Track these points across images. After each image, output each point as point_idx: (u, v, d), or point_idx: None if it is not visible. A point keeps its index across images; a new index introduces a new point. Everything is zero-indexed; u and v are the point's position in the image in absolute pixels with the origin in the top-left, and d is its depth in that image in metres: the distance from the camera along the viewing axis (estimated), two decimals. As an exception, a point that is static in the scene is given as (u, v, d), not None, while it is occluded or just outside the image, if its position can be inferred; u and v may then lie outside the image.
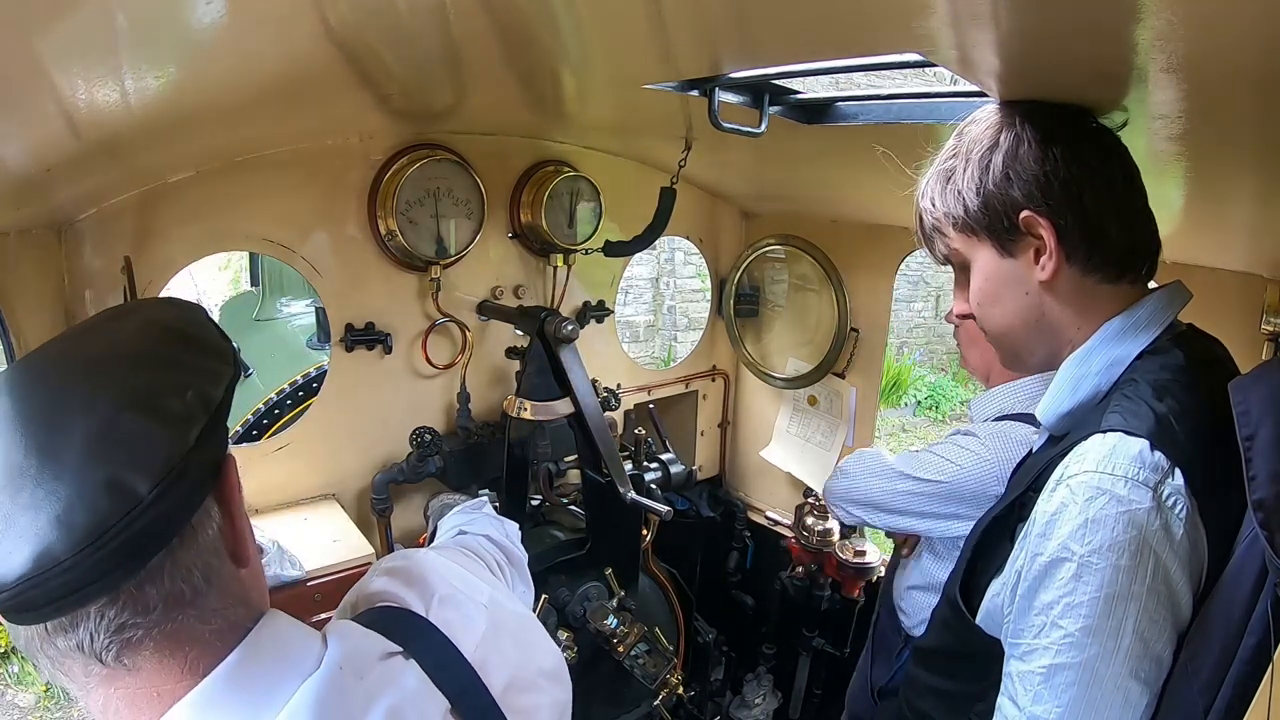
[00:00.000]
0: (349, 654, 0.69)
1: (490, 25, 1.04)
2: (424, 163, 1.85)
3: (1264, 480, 0.76)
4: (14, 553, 0.53)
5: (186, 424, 0.59)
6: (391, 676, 0.70)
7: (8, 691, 3.93)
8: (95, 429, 0.56)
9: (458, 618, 0.79)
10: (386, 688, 0.68)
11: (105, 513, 0.54)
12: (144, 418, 0.58)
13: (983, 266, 1.03)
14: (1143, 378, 0.94)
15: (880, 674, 1.91)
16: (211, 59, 0.97)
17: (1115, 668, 0.86)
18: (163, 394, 0.60)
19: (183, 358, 0.63)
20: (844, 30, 0.94)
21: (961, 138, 1.02)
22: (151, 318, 0.67)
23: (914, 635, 1.81)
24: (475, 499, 1.67)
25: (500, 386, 2.21)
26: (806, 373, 2.54)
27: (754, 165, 2.18)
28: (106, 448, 0.56)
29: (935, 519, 1.70)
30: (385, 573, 0.84)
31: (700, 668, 2.69)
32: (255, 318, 4.14)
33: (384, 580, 0.82)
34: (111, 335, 0.65)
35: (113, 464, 0.55)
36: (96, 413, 0.57)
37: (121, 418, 0.57)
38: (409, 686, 0.70)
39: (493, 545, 1.17)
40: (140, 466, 0.56)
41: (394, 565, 0.86)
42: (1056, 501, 0.89)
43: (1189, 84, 0.82)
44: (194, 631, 0.62)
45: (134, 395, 0.59)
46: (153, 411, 0.58)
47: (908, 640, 1.83)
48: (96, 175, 1.39)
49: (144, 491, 0.55)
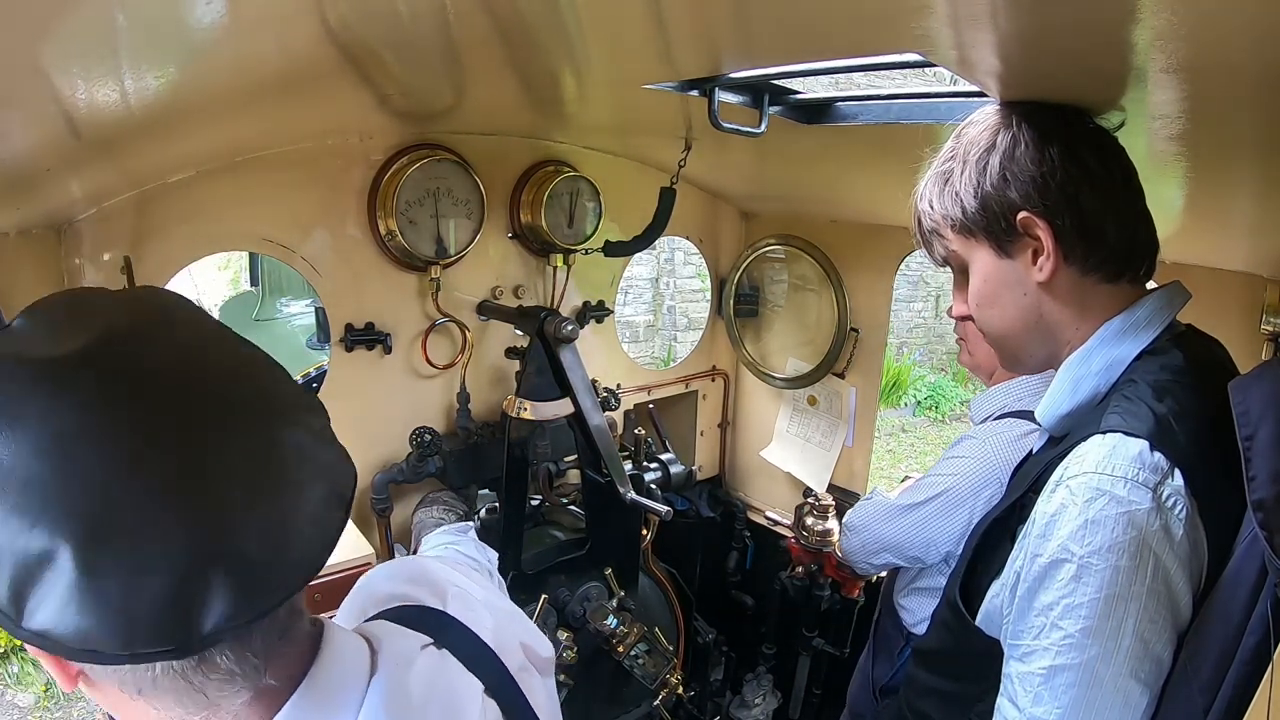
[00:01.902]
0: (396, 652, 0.72)
1: (490, 26, 1.04)
2: (424, 163, 1.85)
3: (1264, 480, 0.76)
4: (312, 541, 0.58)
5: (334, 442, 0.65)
6: (437, 666, 0.74)
7: (7, 691, 3.93)
8: (303, 450, 0.59)
9: (470, 611, 0.83)
10: (437, 677, 0.73)
11: (339, 522, 0.60)
12: (327, 445, 0.62)
13: (981, 268, 1.03)
14: (1142, 378, 0.94)
15: (882, 672, 1.92)
16: (211, 59, 0.97)
17: (1115, 668, 0.86)
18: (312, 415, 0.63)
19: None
20: (844, 30, 0.94)
21: (959, 139, 1.02)
22: (228, 342, 0.65)
23: (915, 634, 1.82)
24: (461, 523, 1.67)
25: (500, 386, 2.21)
26: (806, 373, 2.54)
27: (754, 165, 2.18)
28: (316, 468, 0.60)
29: (952, 535, 1.71)
30: (388, 578, 0.87)
31: (700, 668, 2.69)
32: (255, 318, 4.15)
33: (392, 583, 0.85)
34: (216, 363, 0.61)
35: (326, 480, 0.60)
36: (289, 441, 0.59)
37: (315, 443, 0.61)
38: (453, 673, 0.75)
39: (474, 564, 1.20)
40: (346, 481, 0.62)
41: (395, 570, 0.89)
42: (1056, 502, 0.89)
43: (1189, 84, 0.82)
44: (295, 637, 0.64)
45: (309, 428, 0.62)
46: (325, 439, 0.63)
47: (909, 638, 1.83)
48: (96, 175, 1.39)
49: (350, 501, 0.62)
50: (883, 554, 1.84)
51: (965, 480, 1.68)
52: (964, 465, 1.69)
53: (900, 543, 1.78)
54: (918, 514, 1.74)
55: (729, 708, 2.83)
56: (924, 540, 1.74)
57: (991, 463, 1.65)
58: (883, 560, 1.86)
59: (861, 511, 1.92)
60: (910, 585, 1.87)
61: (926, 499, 1.73)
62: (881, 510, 1.84)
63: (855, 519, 1.93)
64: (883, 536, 1.82)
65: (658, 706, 2.05)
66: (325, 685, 0.64)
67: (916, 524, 1.75)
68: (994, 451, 1.66)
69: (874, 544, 1.85)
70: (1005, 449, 1.65)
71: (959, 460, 1.71)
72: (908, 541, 1.77)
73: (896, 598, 1.91)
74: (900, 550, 1.80)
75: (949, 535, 1.71)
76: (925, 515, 1.73)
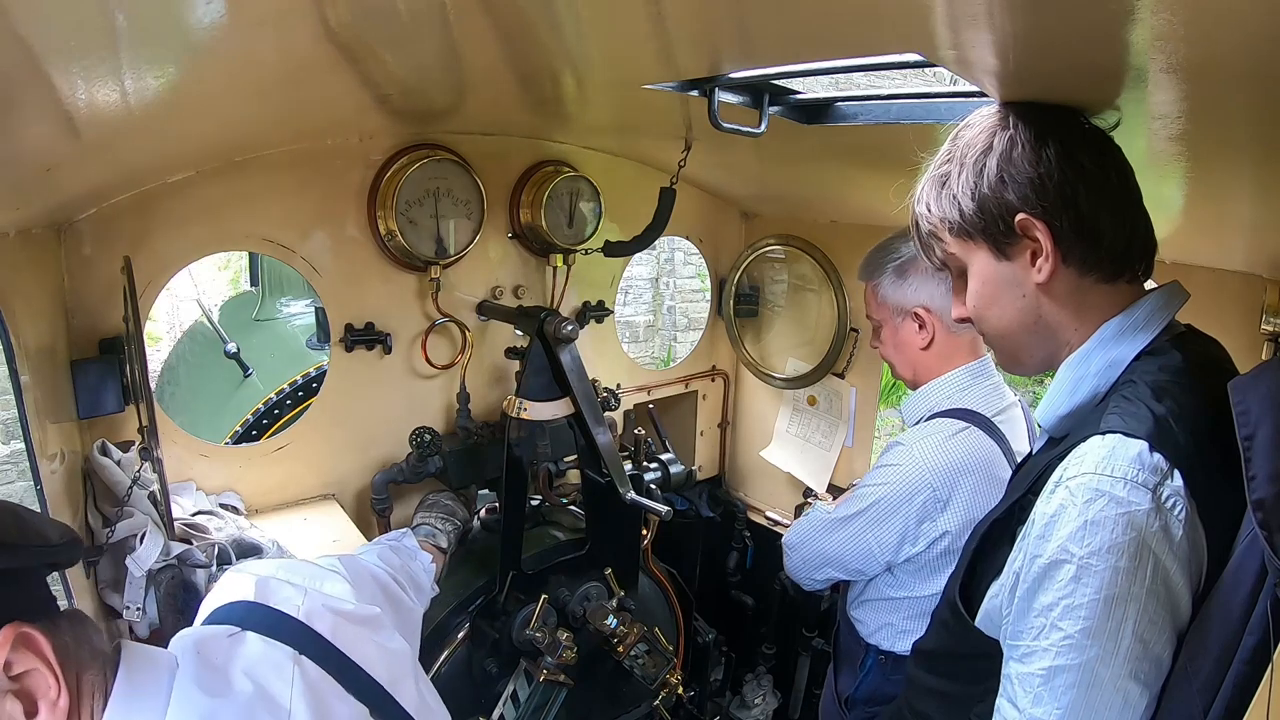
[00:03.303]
0: (200, 641, 0.89)
1: (490, 25, 1.04)
2: (424, 163, 1.85)
3: (1263, 480, 0.76)
4: None
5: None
6: (235, 648, 0.90)
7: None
8: None
9: (276, 595, 0.99)
10: (234, 657, 0.88)
11: None
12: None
13: (979, 270, 1.03)
14: (1141, 379, 0.94)
15: (846, 684, 1.90)
16: (211, 59, 0.97)
17: (1114, 669, 0.86)
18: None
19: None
20: (844, 30, 0.94)
21: (956, 142, 1.02)
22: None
23: (873, 644, 1.81)
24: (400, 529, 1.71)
25: (500, 386, 2.21)
26: (806, 373, 2.54)
27: (754, 165, 2.18)
28: None
29: (888, 544, 1.69)
30: (219, 586, 1.05)
31: (700, 668, 2.68)
32: (255, 318, 4.13)
33: (218, 593, 1.03)
34: None
35: None
36: None
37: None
38: (255, 651, 0.90)
39: (333, 565, 1.23)
40: None
41: (223, 581, 1.06)
42: (1055, 503, 0.89)
43: (1188, 84, 0.82)
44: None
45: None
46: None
47: (869, 649, 1.83)
48: (96, 175, 1.39)
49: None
50: (825, 569, 1.81)
51: (895, 489, 1.66)
52: (893, 474, 1.68)
53: (841, 556, 1.76)
54: (852, 526, 1.72)
55: (729, 708, 2.83)
56: (862, 552, 1.72)
57: (920, 468, 1.64)
58: (825, 575, 1.83)
59: (799, 528, 1.89)
60: (860, 598, 1.85)
61: (858, 511, 1.71)
62: (818, 525, 1.81)
63: (794, 536, 1.89)
64: (823, 551, 1.79)
65: (658, 706, 2.05)
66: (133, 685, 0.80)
67: (852, 536, 1.72)
68: (922, 457, 1.64)
69: (815, 559, 1.82)
70: (934, 453, 1.64)
71: (888, 469, 1.70)
72: (848, 555, 1.74)
73: (850, 610, 1.89)
74: (842, 564, 1.77)
75: (886, 545, 1.68)
76: (860, 528, 1.71)
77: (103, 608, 1.46)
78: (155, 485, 1.47)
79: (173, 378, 4.31)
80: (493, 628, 1.81)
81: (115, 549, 1.44)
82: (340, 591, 1.09)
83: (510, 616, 1.80)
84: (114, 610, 1.45)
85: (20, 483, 4.84)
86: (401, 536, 1.64)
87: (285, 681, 0.88)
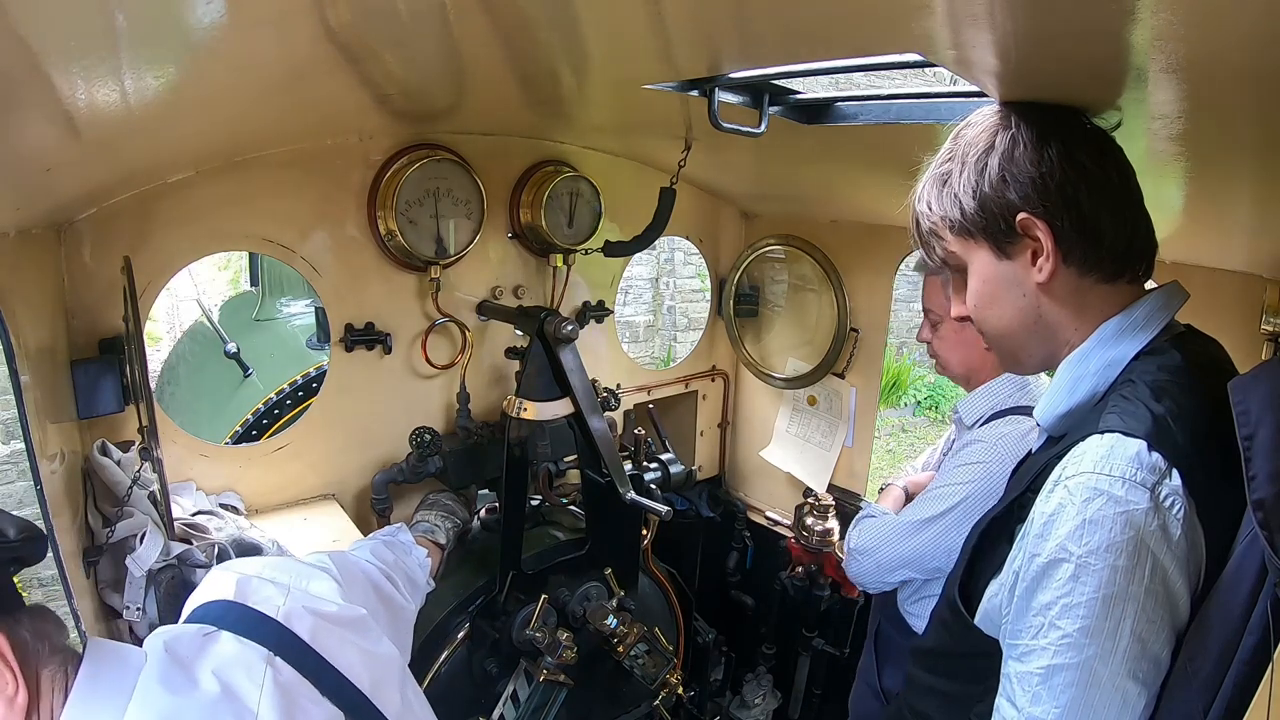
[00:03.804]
0: (171, 639, 0.89)
1: (490, 25, 1.04)
2: (424, 163, 1.85)
3: (1264, 480, 0.76)
4: None
5: None
6: (206, 647, 0.89)
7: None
8: None
9: (256, 594, 0.98)
10: (204, 656, 0.88)
11: None
12: None
13: (980, 269, 1.03)
14: (1140, 378, 0.94)
15: (892, 681, 1.91)
16: (211, 59, 0.97)
17: (1113, 668, 0.86)
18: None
19: None
20: (844, 30, 0.94)
21: (957, 141, 1.02)
22: None
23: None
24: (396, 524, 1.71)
25: (500, 386, 2.21)
26: (806, 373, 2.54)
27: (754, 165, 2.18)
28: None
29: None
30: (202, 584, 1.04)
31: (700, 668, 2.69)
32: (255, 318, 4.13)
33: (204, 590, 1.02)
34: None
35: None
36: None
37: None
38: (227, 650, 0.90)
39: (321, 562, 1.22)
40: None
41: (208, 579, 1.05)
42: (1054, 502, 0.89)
43: (1188, 84, 0.82)
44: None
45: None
46: None
47: None
48: (96, 175, 1.39)
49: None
50: (900, 570, 1.81)
51: (982, 485, 1.67)
52: (979, 471, 1.69)
53: (922, 557, 1.76)
54: (938, 525, 1.73)
55: (729, 708, 2.83)
56: (946, 550, 1.71)
57: (1005, 463, 1.63)
58: (900, 577, 1.83)
59: (871, 533, 1.87)
60: (917, 594, 1.85)
61: (946, 509, 1.71)
62: (894, 528, 1.81)
63: (865, 541, 1.87)
64: (901, 554, 1.79)
65: (658, 706, 2.05)
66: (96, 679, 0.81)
67: (938, 535, 1.73)
68: (1005, 452, 1.65)
69: (891, 562, 1.81)
70: (1014, 446, 1.64)
71: (973, 466, 1.70)
72: (930, 554, 1.75)
73: (904, 605, 1.89)
74: (922, 564, 1.77)
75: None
76: (946, 526, 1.71)
77: (103, 608, 1.46)
78: (155, 485, 1.47)
79: (173, 378, 4.31)
80: (493, 628, 1.81)
81: (115, 549, 1.44)
82: (326, 591, 1.08)
83: (510, 616, 1.80)
84: (114, 610, 1.45)
85: (20, 483, 4.84)
86: (396, 531, 1.63)
87: (255, 683, 0.87)
